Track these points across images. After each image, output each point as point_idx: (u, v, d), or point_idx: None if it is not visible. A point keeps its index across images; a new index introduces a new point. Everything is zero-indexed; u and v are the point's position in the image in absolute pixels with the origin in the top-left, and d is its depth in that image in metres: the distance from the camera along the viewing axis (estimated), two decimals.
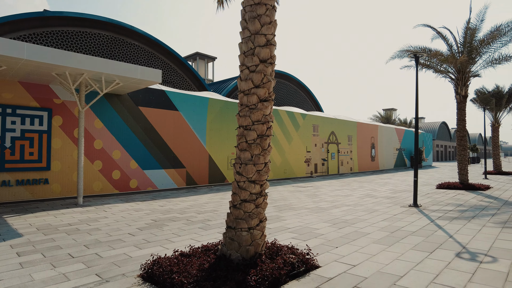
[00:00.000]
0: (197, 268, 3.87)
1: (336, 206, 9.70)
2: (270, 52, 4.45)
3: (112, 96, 12.30)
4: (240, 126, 4.44)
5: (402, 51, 15.26)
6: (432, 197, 11.47)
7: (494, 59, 14.84)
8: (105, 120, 12.08)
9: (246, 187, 4.24)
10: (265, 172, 4.31)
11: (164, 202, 10.50)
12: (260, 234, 4.26)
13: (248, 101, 4.35)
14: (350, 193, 12.71)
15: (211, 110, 15.68)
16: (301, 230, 6.65)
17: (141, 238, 6.08)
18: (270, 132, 4.39)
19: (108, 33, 18.13)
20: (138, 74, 10.23)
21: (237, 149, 4.44)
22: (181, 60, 21.83)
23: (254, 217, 4.20)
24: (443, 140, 66.86)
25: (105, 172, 11.94)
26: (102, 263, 4.67)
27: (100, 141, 11.89)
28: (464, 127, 15.10)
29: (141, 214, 8.54)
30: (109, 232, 6.58)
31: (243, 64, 4.47)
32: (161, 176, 13.52)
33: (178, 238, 6.08)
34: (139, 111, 13.03)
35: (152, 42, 20.32)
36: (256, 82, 4.34)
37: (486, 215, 8.15)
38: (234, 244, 4.15)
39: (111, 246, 5.57)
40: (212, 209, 9.15)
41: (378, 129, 29.37)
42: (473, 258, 4.80)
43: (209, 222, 7.46)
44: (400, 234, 6.27)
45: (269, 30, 4.46)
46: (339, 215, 8.23)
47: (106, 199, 11.21)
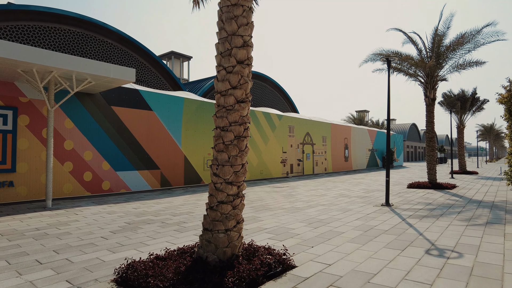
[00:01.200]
0: (173, 271, 3.81)
1: (311, 206, 9.84)
2: (247, 54, 4.46)
3: (84, 95, 11.88)
4: (217, 127, 4.41)
5: (374, 54, 15.72)
6: (403, 196, 11.88)
7: (460, 65, 15.59)
8: (76, 119, 11.65)
9: (223, 189, 4.22)
10: (242, 173, 4.31)
11: (138, 204, 10.26)
12: (237, 236, 4.25)
13: (225, 102, 4.33)
14: (325, 193, 12.94)
15: (187, 110, 15.48)
16: (277, 231, 6.70)
17: (114, 242, 5.90)
18: (247, 133, 4.39)
19: (78, 29, 17.51)
20: (111, 72, 9.95)
21: (214, 150, 4.41)
22: (156, 58, 21.43)
23: (231, 218, 4.19)
24: (413, 141, 69.43)
25: (76, 173, 11.51)
26: (73, 269, 4.50)
27: (70, 142, 11.45)
28: (433, 129, 15.75)
29: (114, 216, 8.30)
30: (81, 236, 6.35)
31: (220, 65, 4.45)
32: (134, 178, 13.20)
33: (153, 241, 5.96)
34: (112, 111, 12.67)
35: (125, 40, 19.82)
36: (233, 83, 4.33)
37: (452, 213, 8.53)
38: (211, 246, 4.11)
39: (83, 250, 5.37)
40: (187, 211, 9.03)
41: (351, 130, 30.08)
42: (441, 255, 5.02)
43: (185, 225, 7.36)
44: (374, 233, 6.45)
45: (246, 31, 4.46)
46: (315, 215, 8.36)
47: (77, 201, 10.80)
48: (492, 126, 60.64)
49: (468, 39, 14.41)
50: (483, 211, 8.79)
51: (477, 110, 27.47)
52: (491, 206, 9.62)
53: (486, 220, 7.61)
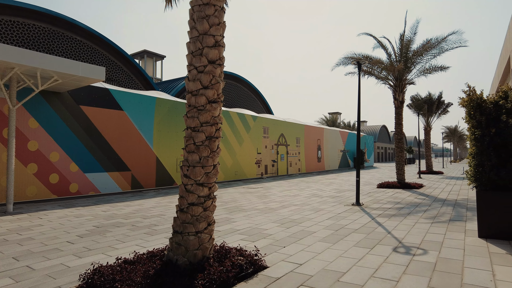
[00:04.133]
0: (142, 275, 3.71)
1: (284, 206, 9.92)
2: (219, 53, 4.43)
3: (50, 93, 11.37)
4: (187, 128, 4.35)
5: (346, 58, 16.10)
6: (373, 196, 12.23)
7: (426, 69, 16.28)
8: (41, 119, 11.12)
9: (194, 190, 4.16)
10: (214, 175, 4.27)
11: (108, 207, 9.94)
12: (208, 238, 4.20)
13: (196, 102, 4.28)
14: (298, 193, 13.09)
15: (159, 111, 15.19)
16: (250, 231, 6.69)
17: (81, 246, 5.68)
18: (219, 134, 4.36)
19: (45, 24, 16.76)
20: (79, 71, 9.59)
21: (185, 151, 4.34)
22: (127, 57, 20.88)
23: (202, 220, 4.14)
24: (383, 142, 71.69)
25: (41, 175, 10.99)
26: (34, 276, 4.29)
27: (35, 142, 10.92)
28: (401, 130, 16.33)
29: (82, 220, 7.99)
30: (44, 241, 6.06)
31: (191, 64, 4.39)
32: (104, 180, 12.78)
33: (123, 245, 5.78)
34: (81, 111, 12.21)
35: (95, 37, 19.18)
36: (204, 83, 4.29)
37: (419, 212, 8.87)
38: (181, 249, 4.04)
39: (46, 256, 5.13)
40: (159, 214, 8.85)
41: (324, 132, 30.64)
42: (408, 252, 5.20)
43: (156, 227, 7.21)
44: (344, 232, 6.59)
45: (218, 31, 4.44)
46: (287, 215, 8.43)
47: (42, 205, 10.32)
48: (456, 128, 63.73)
49: (433, 45, 15.07)
50: (447, 209, 9.21)
51: (443, 113, 28.78)
52: (454, 204, 10.09)
53: (449, 218, 7.97)
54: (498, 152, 6.05)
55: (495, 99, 6.28)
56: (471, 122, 6.34)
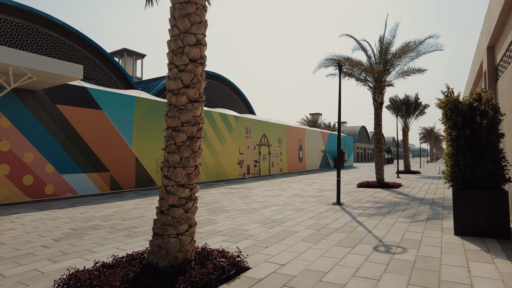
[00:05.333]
0: (121, 279, 3.60)
1: (266, 206, 9.92)
2: (201, 52, 4.36)
3: (24, 91, 10.94)
4: (168, 128, 4.26)
5: (327, 59, 16.29)
6: (353, 195, 12.41)
7: (404, 71, 16.67)
8: (14, 118, 10.68)
9: (175, 192, 4.08)
10: (195, 176, 4.20)
11: (85, 209, 9.65)
12: (189, 240, 4.13)
13: (177, 101, 4.19)
14: (280, 193, 13.12)
15: (139, 110, 14.90)
16: (232, 232, 6.64)
17: (56, 250, 5.47)
18: (200, 134, 4.29)
19: (18, 20, 16.11)
20: (55, 68, 9.28)
21: (165, 152, 4.25)
22: (106, 55, 20.38)
23: (183, 222, 4.06)
24: (362, 142, 73.06)
25: (13, 177, 10.55)
26: (5, 284, 4.09)
27: (7, 142, 10.47)
28: (381, 131, 16.66)
29: (58, 223, 7.71)
30: (16, 246, 5.81)
31: (172, 63, 4.30)
32: (81, 181, 12.40)
33: (101, 248, 5.61)
34: (57, 109, 11.80)
35: (72, 34, 18.61)
36: (185, 82, 4.21)
37: (398, 211, 9.06)
38: (161, 252, 3.95)
39: (18, 262, 4.91)
40: (139, 215, 8.66)
41: (305, 132, 30.91)
42: (388, 251, 5.28)
43: (135, 229, 7.04)
44: (325, 232, 6.64)
45: (200, 29, 4.37)
46: (269, 215, 8.43)
47: (14, 208, 9.90)
48: (433, 129, 65.68)
49: (412, 48, 15.46)
50: (425, 208, 9.45)
51: (420, 114, 29.59)
52: (431, 203, 10.37)
53: (427, 216, 8.17)
54: (472, 152, 6.25)
55: (469, 101, 6.49)
56: (447, 123, 6.52)
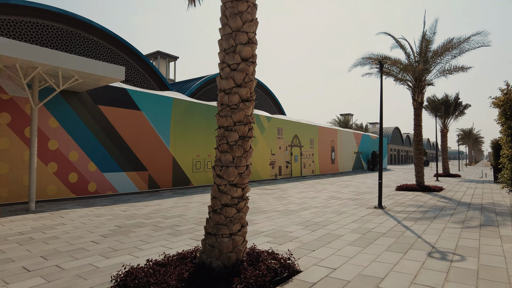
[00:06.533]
0: (176, 278, 3.60)
1: (305, 208, 9.75)
2: (252, 51, 4.31)
3: (69, 93, 11.44)
4: (220, 127, 4.24)
5: (364, 58, 15.84)
6: (393, 199, 11.95)
7: (446, 70, 15.90)
8: (61, 119, 11.19)
9: (227, 191, 4.04)
10: (247, 175, 4.15)
11: (127, 207, 9.92)
12: (241, 240, 4.08)
13: (229, 101, 4.16)
14: (316, 195, 12.89)
15: (176, 111, 15.18)
16: (275, 234, 6.55)
17: (106, 246, 5.62)
18: (251, 134, 4.23)
19: (62, 25, 16.93)
20: (99, 70, 9.61)
21: (217, 151, 4.23)
22: (143, 58, 20.99)
23: (236, 222, 4.01)
24: (396, 144, 70.78)
25: (60, 174, 11.05)
26: (65, 276, 4.22)
27: (55, 142, 10.99)
28: (421, 132, 15.99)
29: (103, 219, 7.96)
30: (69, 240, 6.03)
31: (224, 62, 4.28)
32: (121, 179, 12.80)
33: (148, 246, 5.70)
34: (99, 110, 12.26)
35: (112, 38, 19.32)
36: (237, 81, 4.17)
37: (445, 215, 8.60)
38: (214, 252, 3.93)
39: (73, 256, 5.07)
40: (179, 214, 8.77)
41: (337, 133, 30.32)
42: (444, 258, 4.98)
43: (178, 228, 7.12)
44: (372, 236, 6.39)
45: (251, 28, 4.32)
46: (310, 217, 8.26)
47: (62, 204, 10.36)
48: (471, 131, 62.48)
49: (455, 45, 14.71)
50: (474, 213, 8.90)
51: (460, 115, 28.18)
52: (480, 209, 9.76)
53: (479, 223, 7.68)
54: None
55: None
56: (507, 123, 6.09)
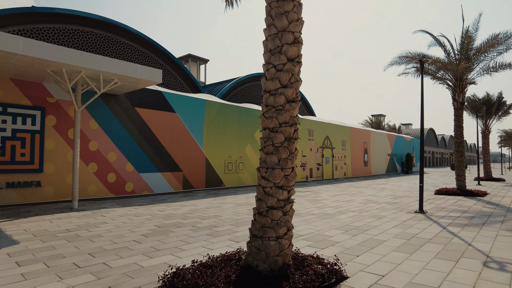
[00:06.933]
0: (224, 280, 3.57)
1: (341, 212, 9.51)
2: (298, 51, 4.22)
3: (108, 96, 11.86)
4: (265, 128, 4.18)
5: (401, 57, 15.31)
6: (434, 203, 11.41)
7: (491, 67, 15.02)
8: (100, 120, 11.63)
9: (273, 193, 3.97)
10: (293, 178, 4.06)
11: (163, 207, 10.11)
12: (288, 244, 4.00)
13: (275, 102, 4.10)
14: (351, 199, 12.56)
15: (209, 113, 15.36)
16: (314, 238, 6.41)
17: (148, 246, 5.72)
18: (297, 135, 4.15)
19: (100, 31, 17.63)
20: (138, 73, 9.88)
21: (262, 153, 4.17)
22: (175, 61, 21.45)
23: (282, 225, 3.94)
24: (430, 146, 68.02)
25: (100, 174, 11.47)
26: (113, 274, 4.32)
27: (95, 143, 11.42)
28: (462, 134, 15.21)
29: (142, 219, 8.15)
30: (113, 239, 6.20)
31: (269, 63, 4.22)
32: (157, 180, 13.10)
33: (188, 246, 5.75)
34: (136, 112, 12.62)
35: (146, 42, 19.88)
36: (283, 82, 4.10)
37: (495, 222, 8.08)
38: (261, 254, 3.87)
39: (119, 254, 5.20)
40: (215, 215, 8.82)
41: (370, 135, 29.52)
42: (502, 268, 4.65)
43: (216, 229, 7.15)
44: (417, 242, 6.10)
45: (297, 27, 4.24)
46: (348, 221, 8.04)
47: (101, 203, 10.73)
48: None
49: (501, 41, 13.87)
50: None
51: (504, 115, 26.55)
52: None
53: None
54: None
55: None
56: None
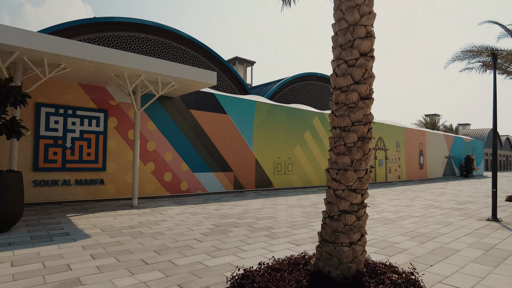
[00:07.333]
0: (295, 285, 3.44)
1: (402, 217, 8.96)
2: (371, 45, 3.98)
3: (165, 98, 12.31)
4: (335, 127, 3.99)
5: (464, 51, 14.21)
6: (508, 211, 10.37)
7: None
8: (157, 122, 12.09)
9: (346, 197, 3.76)
10: (367, 180, 3.82)
11: (217, 206, 10.24)
12: (361, 250, 3.76)
13: (347, 99, 3.89)
14: (410, 203, 11.83)
15: (258, 114, 15.37)
16: (379, 244, 6.05)
17: (209, 245, 5.76)
18: (371, 135, 3.90)
19: (154, 37, 18.43)
20: (194, 75, 10.11)
21: (332, 153, 3.98)
22: (225, 63, 21.82)
23: (356, 230, 3.71)
24: None
25: (157, 174, 11.93)
26: (180, 273, 4.37)
27: (153, 143, 11.90)
28: None
29: (199, 218, 8.30)
30: (174, 237, 6.34)
31: (340, 58, 4.02)
32: (210, 179, 13.35)
33: (249, 247, 5.70)
34: (190, 114, 12.96)
35: (196, 46, 20.45)
36: (356, 78, 3.88)
37: None
38: (333, 260, 3.68)
39: (182, 253, 5.28)
40: (269, 216, 8.73)
41: (426, 135, 27.79)
42: None
43: (273, 230, 7.04)
44: (499, 253, 5.51)
45: (369, 20, 3.99)
46: (412, 227, 7.52)
47: (158, 201, 11.15)
48: None
49: None
50: None
51: None
52: None
53: None
54: None
55: None
56: None
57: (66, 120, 10.26)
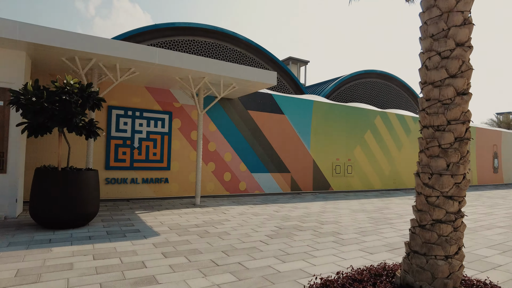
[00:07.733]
0: None
1: (484, 227, 8.04)
2: (469, 33, 3.51)
3: (224, 100, 12.47)
4: (427, 127, 3.58)
5: None
6: None
7: None
8: (218, 123, 12.29)
9: (440, 204, 3.36)
10: (465, 186, 3.37)
11: (277, 207, 10.09)
12: (459, 265, 3.33)
13: (441, 95, 3.47)
14: (489, 211, 10.64)
15: (316, 113, 14.96)
16: (465, 258, 5.42)
17: (276, 249, 5.60)
18: (469, 135, 3.44)
19: (212, 40, 18.84)
20: (255, 76, 10.08)
21: (423, 155, 3.59)
22: (280, 64, 21.66)
23: (453, 243, 3.29)
24: None
25: (217, 173, 12.12)
26: (252, 276, 4.26)
27: (213, 144, 12.12)
28: None
29: (260, 219, 8.21)
30: (240, 237, 6.29)
31: (432, 50, 3.61)
32: (267, 180, 13.27)
33: (318, 253, 5.44)
34: (248, 115, 13.00)
35: (253, 48, 20.54)
36: (452, 71, 3.45)
37: None
38: (425, 275, 3.29)
39: (250, 255, 5.19)
40: (333, 220, 8.36)
41: (501, 136, 25.07)
42: None
43: (341, 236, 6.69)
44: None
45: (467, 5, 3.53)
46: (499, 239, 6.69)
47: (219, 200, 11.30)
48: None
49: None
50: None
51: None
52: None
53: None
54: None
55: None
56: None
57: (134, 122, 10.82)
